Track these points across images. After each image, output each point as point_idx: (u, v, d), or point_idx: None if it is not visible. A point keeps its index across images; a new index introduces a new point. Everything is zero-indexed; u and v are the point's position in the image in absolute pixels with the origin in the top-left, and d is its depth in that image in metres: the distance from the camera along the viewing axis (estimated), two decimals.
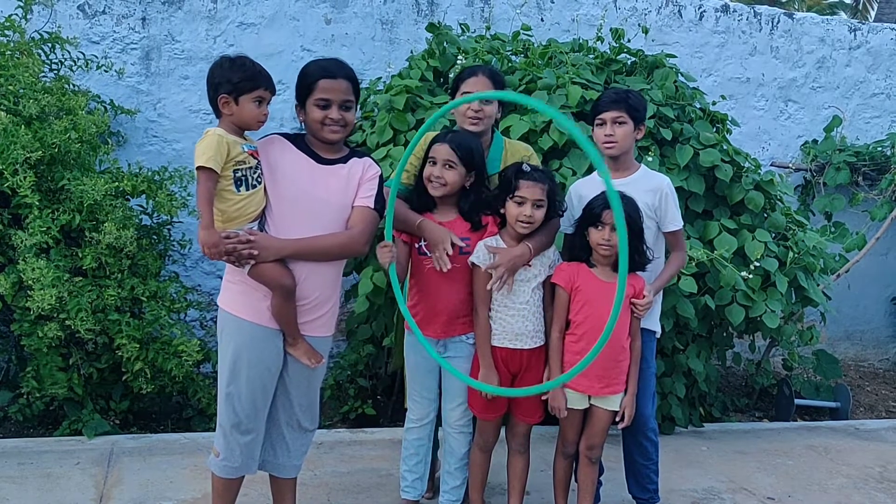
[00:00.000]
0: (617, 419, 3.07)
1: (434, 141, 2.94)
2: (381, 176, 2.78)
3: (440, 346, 3.01)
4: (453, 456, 3.14)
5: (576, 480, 3.24)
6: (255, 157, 2.61)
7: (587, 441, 3.13)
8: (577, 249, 3.03)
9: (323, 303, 2.74)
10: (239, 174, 2.55)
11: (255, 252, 2.54)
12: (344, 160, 2.73)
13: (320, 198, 2.65)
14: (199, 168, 2.47)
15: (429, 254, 2.92)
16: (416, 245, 2.95)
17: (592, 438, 3.11)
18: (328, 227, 2.66)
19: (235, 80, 2.54)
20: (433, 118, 2.67)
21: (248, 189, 2.58)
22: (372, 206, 2.72)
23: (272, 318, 2.66)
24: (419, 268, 2.98)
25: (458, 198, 2.97)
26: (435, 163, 2.89)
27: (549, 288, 3.02)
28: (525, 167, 2.93)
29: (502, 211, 2.94)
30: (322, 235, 2.64)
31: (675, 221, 3.19)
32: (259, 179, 2.61)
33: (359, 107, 4.56)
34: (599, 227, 2.92)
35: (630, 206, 2.92)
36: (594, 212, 2.94)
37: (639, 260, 2.99)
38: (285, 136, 2.75)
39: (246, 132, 2.64)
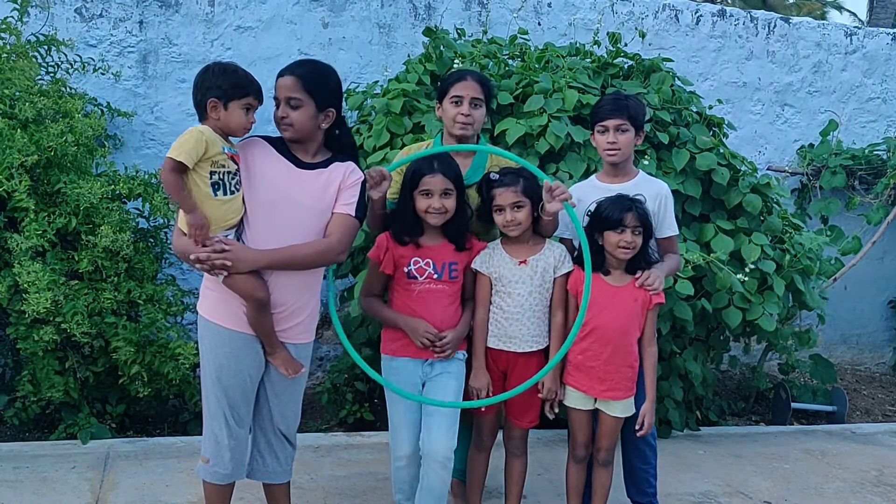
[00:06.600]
0: (637, 426, 3.05)
1: (421, 172, 2.85)
2: (363, 182, 2.74)
3: (427, 364, 2.95)
4: (432, 494, 2.85)
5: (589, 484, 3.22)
6: (235, 163, 2.58)
7: (594, 443, 3.13)
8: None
9: (300, 309, 2.72)
10: (216, 177, 2.52)
11: (229, 263, 2.50)
12: (325, 164, 2.70)
13: (297, 202, 2.62)
14: (168, 158, 2.43)
15: (419, 278, 2.90)
16: (406, 269, 2.91)
17: (598, 440, 3.11)
18: (306, 232, 2.63)
19: (226, 86, 2.52)
20: (400, 162, 2.94)
21: (225, 194, 2.54)
22: (353, 214, 2.68)
23: None
24: (406, 291, 2.93)
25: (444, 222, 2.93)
26: (431, 194, 2.84)
27: (560, 288, 3.02)
28: (493, 176, 2.95)
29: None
30: (297, 245, 2.60)
31: (672, 228, 3.23)
32: (237, 186, 2.59)
33: (356, 110, 4.64)
34: (620, 231, 2.93)
35: (642, 209, 2.97)
36: (612, 216, 2.94)
37: (645, 266, 3.02)
38: (266, 138, 2.72)
39: (230, 137, 2.61)
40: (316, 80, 2.63)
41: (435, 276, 2.91)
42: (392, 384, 2.90)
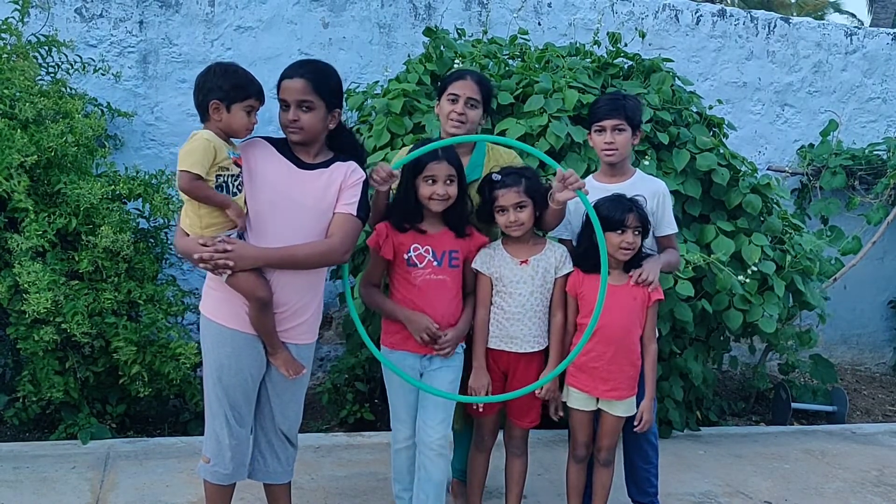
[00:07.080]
0: (635, 423, 3.06)
1: (425, 159, 2.85)
2: (365, 181, 2.73)
3: (426, 358, 2.94)
4: (430, 483, 2.88)
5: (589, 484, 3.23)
6: (238, 165, 2.59)
7: (595, 442, 3.13)
8: (583, 256, 3.01)
9: (303, 309, 2.71)
10: (220, 180, 2.52)
11: (231, 262, 2.50)
12: (326, 165, 2.69)
13: (298, 202, 2.62)
14: (183, 171, 2.44)
15: (419, 265, 2.90)
16: (405, 256, 2.89)
17: (600, 440, 3.12)
18: (307, 232, 2.63)
19: (227, 88, 2.52)
20: (403, 161, 2.87)
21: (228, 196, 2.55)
22: (354, 214, 2.67)
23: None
24: (407, 282, 2.92)
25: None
26: (435, 181, 2.84)
27: (560, 289, 3.02)
28: (494, 177, 2.95)
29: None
30: (300, 245, 2.60)
31: (671, 226, 3.24)
32: (240, 188, 2.59)
33: (356, 111, 4.64)
34: (621, 232, 2.94)
35: (642, 209, 2.98)
36: (614, 217, 2.94)
37: (638, 264, 3.04)
38: (269, 139, 2.72)
39: (232, 139, 2.62)
40: (324, 80, 2.64)
41: (435, 263, 2.90)
42: (392, 363, 2.90)
